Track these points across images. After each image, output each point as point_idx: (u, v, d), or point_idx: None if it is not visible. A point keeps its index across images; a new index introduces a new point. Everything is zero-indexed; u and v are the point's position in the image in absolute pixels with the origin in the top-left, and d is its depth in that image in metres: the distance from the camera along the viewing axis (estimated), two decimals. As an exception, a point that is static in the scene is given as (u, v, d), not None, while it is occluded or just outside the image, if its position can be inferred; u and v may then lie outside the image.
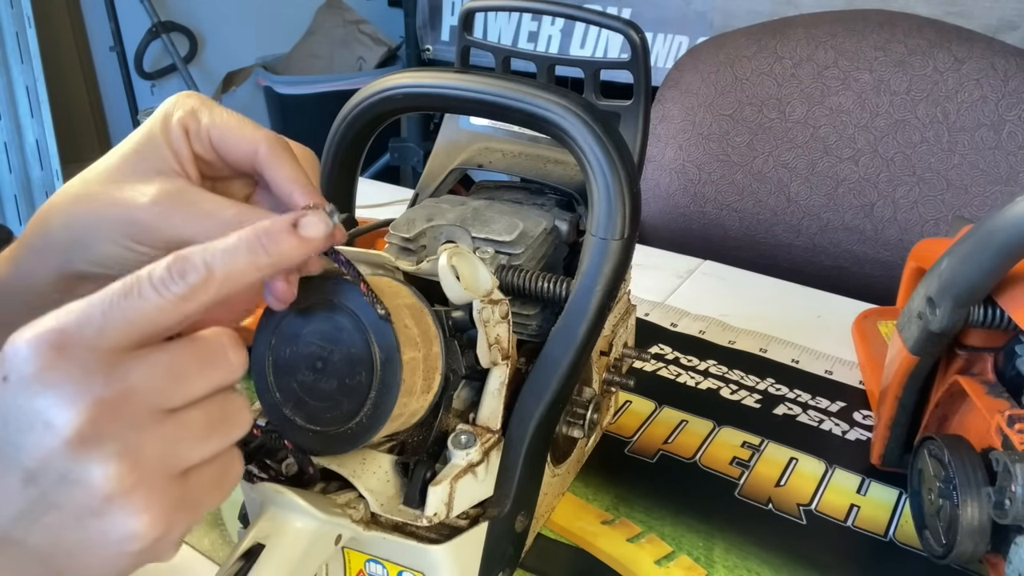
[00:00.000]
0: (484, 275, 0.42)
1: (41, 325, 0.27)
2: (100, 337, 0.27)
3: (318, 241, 0.31)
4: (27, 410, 0.26)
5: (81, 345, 0.26)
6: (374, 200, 1.01)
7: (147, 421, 0.27)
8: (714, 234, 1.10)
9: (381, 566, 0.42)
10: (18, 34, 1.78)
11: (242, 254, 0.29)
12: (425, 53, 2.31)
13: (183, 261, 0.28)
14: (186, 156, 0.36)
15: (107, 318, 0.27)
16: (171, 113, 0.36)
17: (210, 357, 0.29)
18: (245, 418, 0.31)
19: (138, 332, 0.28)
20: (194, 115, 0.36)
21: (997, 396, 0.48)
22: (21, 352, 0.26)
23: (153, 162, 0.36)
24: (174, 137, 0.36)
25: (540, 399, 0.43)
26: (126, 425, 0.27)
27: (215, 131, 0.36)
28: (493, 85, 0.44)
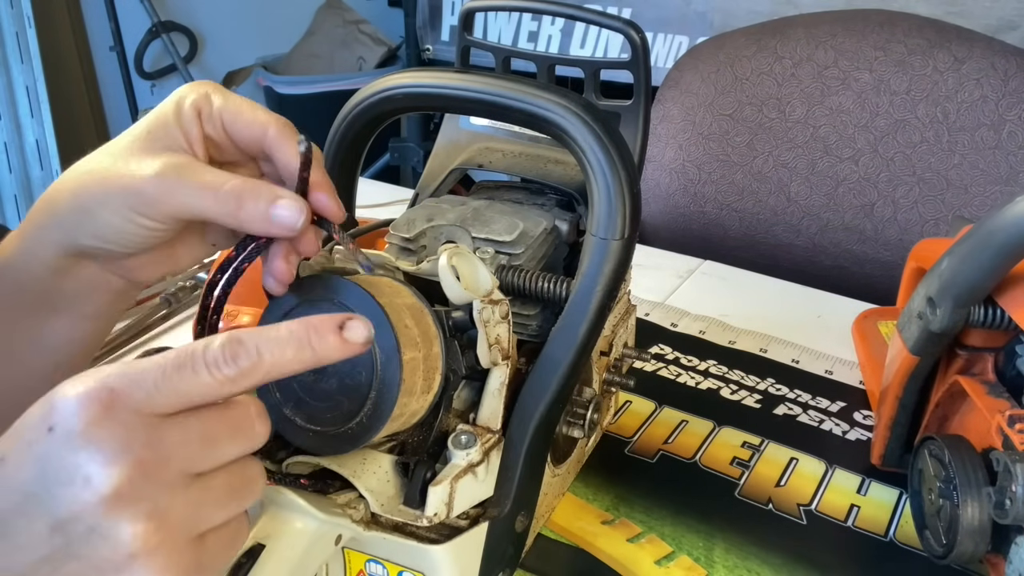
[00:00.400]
0: (484, 275, 0.42)
1: (92, 380, 0.27)
2: (148, 402, 0.28)
3: (359, 347, 0.31)
4: (68, 463, 0.26)
5: (128, 408, 0.27)
6: (374, 200, 1.01)
7: (178, 484, 0.28)
8: (714, 234, 1.10)
9: (381, 566, 0.42)
10: (18, 34, 1.77)
11: (291, 347, 0.30)
12: (425, 53, 2.31)
13: (237, 345, 0.29)
14: (196, 136, 0.37)
15: (158, 387, 0.28)
16: (185, 97, 0.37)
17: (240, 425, 0.30)
18: (261, 485, 0.32)
19: (184, 403, 0.28)
20: (207, 98, 0.37)
21: (997, 396, 0.48)
22: (70, 406, 0.27)
23: (163, 141, 0.36)
24: (185, 119, 0.37)
25: (540, 399, 0.43)
26: (159, 486, 0.28)
27: (227, 113, 0.37)
28: (493, 85, 0.44)
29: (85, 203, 0.36)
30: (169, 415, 0.28)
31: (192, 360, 0.28)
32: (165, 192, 0.35)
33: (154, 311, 0.77)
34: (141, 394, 0.27)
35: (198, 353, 0.28)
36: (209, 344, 0.29)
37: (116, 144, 0.37)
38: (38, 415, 0.27)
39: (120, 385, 0.27)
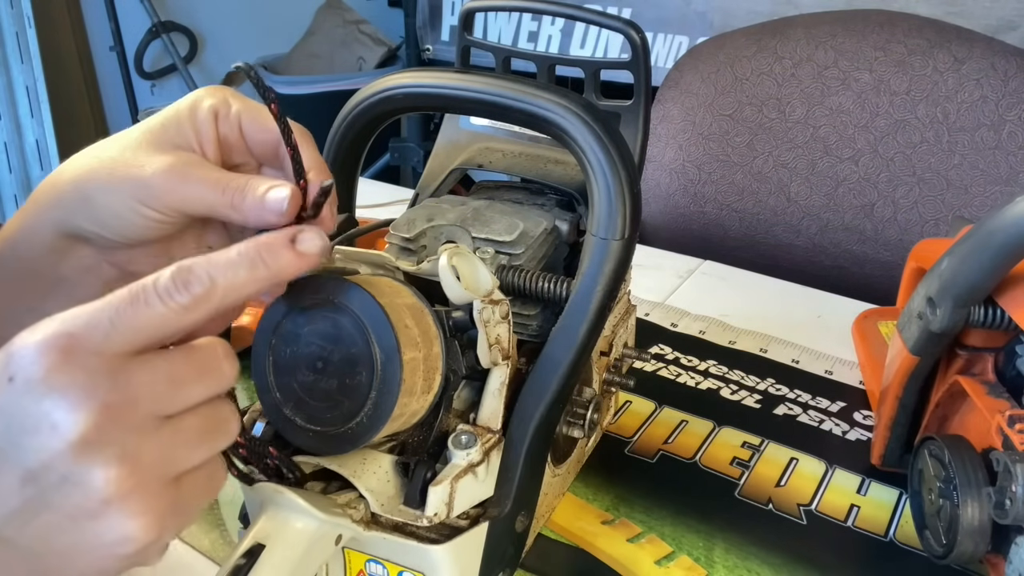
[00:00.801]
0: (484, 275, 0.42)
1: (48, 328, 0.27)
2: (106, 342, 0.27)
3: (314, 257, 0.31)
4: (32, 411, 0.26)
5: (88, 350, 0.27)
6: (374, 200, 1.01)
7: (147, 426, 0.28)
8: (714, 234, 1.10)
9: (381, 566, 0.42)
10: (18, 34, 1.77)
11: (243, 267, 0.30)
12: (425, 53, 2.31)
13: (187, 272, 0.29)
14: (209, 137, 0.37)
15: (114, 324, 0.27)
16: (202, 99, 0.37)
17: (207, 366, 0.30)
18: (234, 426, 0.32)
19: (143, 339, 0.28)
20: (226, 102, 0.37)
21: (997, 396, 0.48)
22: (28, 354, 0.26)
23: (173, 138, 0.37)
24: (200, 119, 0.37)
25: (540, 399, 0.43)
26: (128, 429, 0.27)
27: (245, 116, 0.37)
28: (493, 85, 0.44)
29: (89, 188, 0.36)
30: (133, 356, 0.28)
31: (144, 293, 0.28)
32: (172, 185, 0.35)
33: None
34: (98, 335, 0.27)
35: (148, 285, 0.28)
36: (159, 275, 0.28)
37: (127, 135, 0.37)
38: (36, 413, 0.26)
39: (76, 328, 0.27)
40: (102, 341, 0.27)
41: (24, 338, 0.27)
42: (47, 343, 0.26)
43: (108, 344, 0.27)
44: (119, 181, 0.35)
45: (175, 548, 0.51)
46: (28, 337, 0.27)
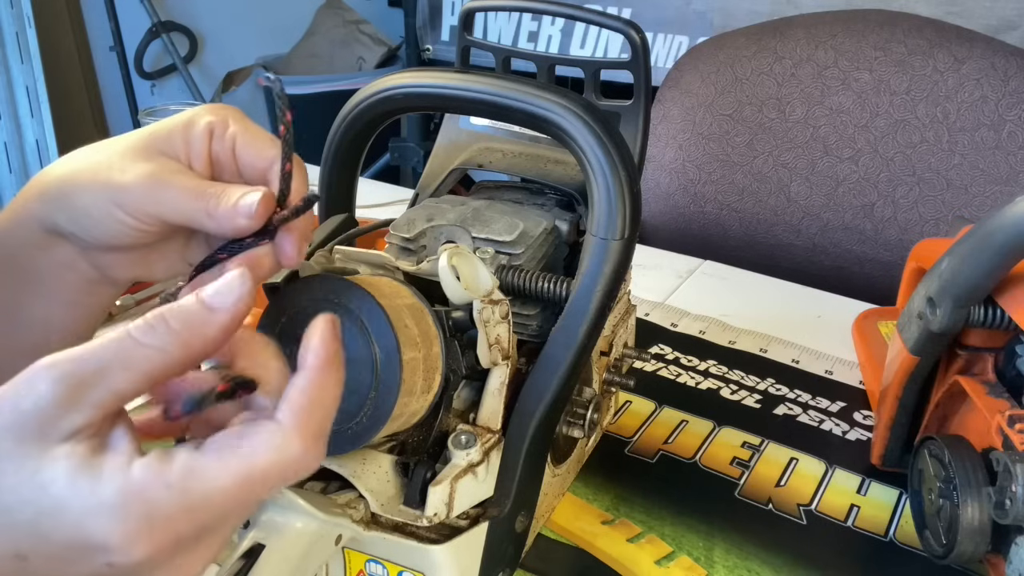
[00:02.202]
0: (484, 275, 0.42)
1: (131, 514, 0.25)
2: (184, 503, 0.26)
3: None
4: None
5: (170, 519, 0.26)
6: (374, 200, 1.01)
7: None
8: (714, 234, 1.10)
9: (381, 566, 0.42)
10: (18, 34, 1.77)
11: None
12: (425, 53, 2.31)
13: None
14: (199, 153, 0.37)
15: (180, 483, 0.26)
16: (201, 115, 0.37)
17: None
18: None
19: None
20: (224, 122, 0.37)
21: (997, 396, 0.48)
22: (121, 546, 0.25)
23: (161, 147, 0.36)
24: (194, 134, 0.36)
25: (540, 399, 0.43)
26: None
27: (241, 138, 0.36)
28: (493, 85, 0.44)
29: (71, 188, 0.36)
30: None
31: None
32: (149, 191, 0.35)
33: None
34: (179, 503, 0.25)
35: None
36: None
37: (118, 140, 0.37)
38: (85, 539, 0.24)
39: (163, 510, 0.25)
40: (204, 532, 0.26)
41: (122, 533, 0.24)
42: (155, 550, 0.25)
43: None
44: (100, 184, 0.35)
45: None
46: (128, 535, 0.24)
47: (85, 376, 0.25)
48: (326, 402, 0.27)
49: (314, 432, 0.27)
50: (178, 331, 0.26)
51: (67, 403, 0.24)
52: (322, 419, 0.27)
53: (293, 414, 0.26)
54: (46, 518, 0.24)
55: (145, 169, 0.35)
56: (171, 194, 0.34)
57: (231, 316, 0.27)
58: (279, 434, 0.26)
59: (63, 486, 0.24)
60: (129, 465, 0.25)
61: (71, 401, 0.25)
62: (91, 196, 0.35)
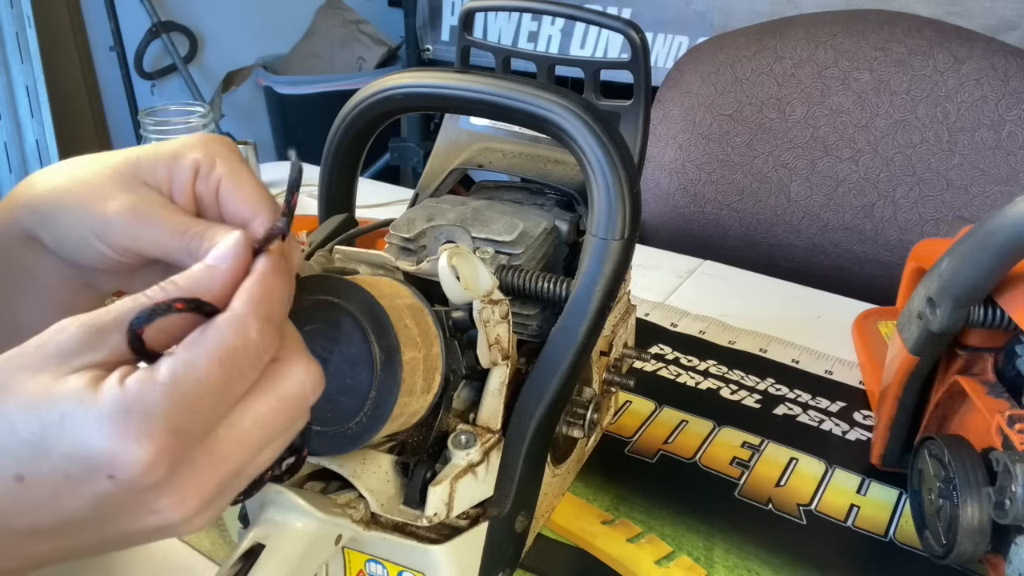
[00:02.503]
0: (484, 275, 0.42)
1: (151, 429, 0.26)
2: (201, 425, 0.28)
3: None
4: (141, 505, 0.27)
5: (189, 443, 0.27)
6: (374, 200, 1.01)
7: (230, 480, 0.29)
8: (714, 234, 1.10)
9: (381, 566, 0.42)
10: (18, 34, 1.77)
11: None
12: (425, 53, 2.31)
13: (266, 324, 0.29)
14: (182, 189, 0.36)
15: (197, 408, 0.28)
16: (189, 150, 0.36)
17: (296, 415, 0.31)
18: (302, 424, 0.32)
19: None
20: (211, 160, 0.36)
21: (997, 396, 0.48)
22: (135, 459, 0.26)
23: (146, 176, 0.36)
24: (179, 169, 0.36)
25: (540, 399, 0.43)
26: (215, 488, 0.28)
27: (226, 182, 0.36)
28: (493, 85, 0.44)
29: (55, 206, 0.35)
30: (222, 421, 0.28)
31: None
32: (130, 226, 0.34)
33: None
34: (199, 425, 0.27)
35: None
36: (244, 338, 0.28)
37: (106, 160, 0.36)
38: (85, 454, 0.25)
39: (176, 424, 0.26)
40: (201, 434, 0.27)
41: (121, 438, 0.26)
42: (153, 451, 0.26)
43: (208, 426, 0.28)
44: (82, 211, 0.35)
45: (175, 549, 0.51)
46: (127, 439, 0.26)
47: (105, 323, 0.27)
48: (275, 294, 0.30)
49: (266, 315, 0.29)
50: (185, 287, 0.29)
51: (87, 344, 0.27)
52: (270, 307, 0.29)
53: (245, 302, 0.29)
54: (51, 431, 0.25)
55: (127, 201, 0.34)
56: (151, 230, 0.34)
57: (231, 269, 0.29)
58: (237, 318, 0.28)
59: (70, 400, 0.26)
60: (124, 379, 0.26)
61: (91, 343, 0.27)
62: (73, 221, 0.35)
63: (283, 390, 0.30)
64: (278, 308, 0.30)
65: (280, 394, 0.30)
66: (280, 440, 0.30)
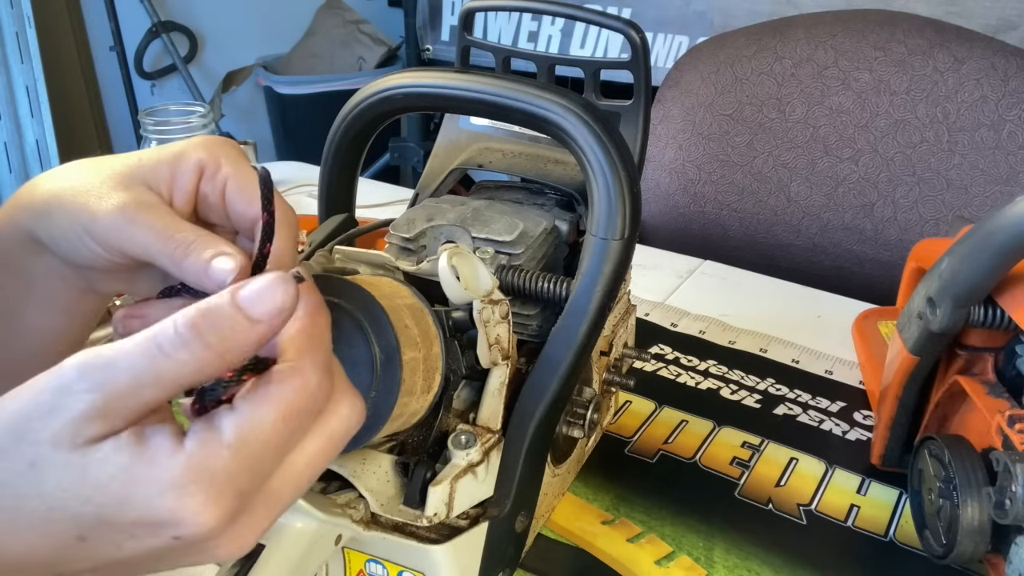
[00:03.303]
0: (484, 275, 0.42)
1: (204, 484, 0.26)
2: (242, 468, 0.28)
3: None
4: (193, 547, 0.26)
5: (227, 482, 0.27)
6: (374, 200, 1.01)
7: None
8: (714, 234, 1.10)
9: (381, 566, 0.42)
10: (18, 34, 1.77)
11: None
12: (425, 53, 2.31)
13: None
14: (184, 189, 0.35)
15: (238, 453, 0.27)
16: (191, 151, 0.35)
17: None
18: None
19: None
20: (216, 161, 0.35)
21: (997, 396, 0.48)
22: (199, 525, 0.26)
23: (144, 176, 0.35)
24: (182, 169, 0.35)
25: (540, 399, 0.43)
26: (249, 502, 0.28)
27: (232, 183, 0.35)
28: (493, 85, 0.44)
29: (52, 206, 0.35)
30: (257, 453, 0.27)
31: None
32: (118, 224, 0.33)
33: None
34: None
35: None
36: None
37: (108, 162, 0.36)
38: (153, 520, 0.25)
39: (221, 474, 0.26)
40: (261, 487, 0.27)
41: (190, 507, 0.25)
42: (220, 514, 0.26)
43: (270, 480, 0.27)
44: (76, 208, 0.34)
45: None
46: (195, 506, 0.25)
47: (119, 391, 0.25)
48: (325, 338, 0.29)
49: (323, 364, 0.28)
50: (214, 345, 0.26)
51: (100, 416, 0.25)
52: (325, 354, 0.29)
53: (301, 352, 0.28)
54: (110, 510, 0.25)
55: (118, 200, 0.34)
56: (138, 231, 0.33)
57: (271, 330, 0.27)
58: (298, 373, 0.27)
59: (122, 481, 0.25)
60: (182, 444, 0.26)
61: (104, 415, 0.25)
62: (67, 219, 0.34)
63: (332, 430, 0.29)
64: (329, 353, 0.29)
65: (330, 434, 0.29)
66: (324, 469, 0.30)
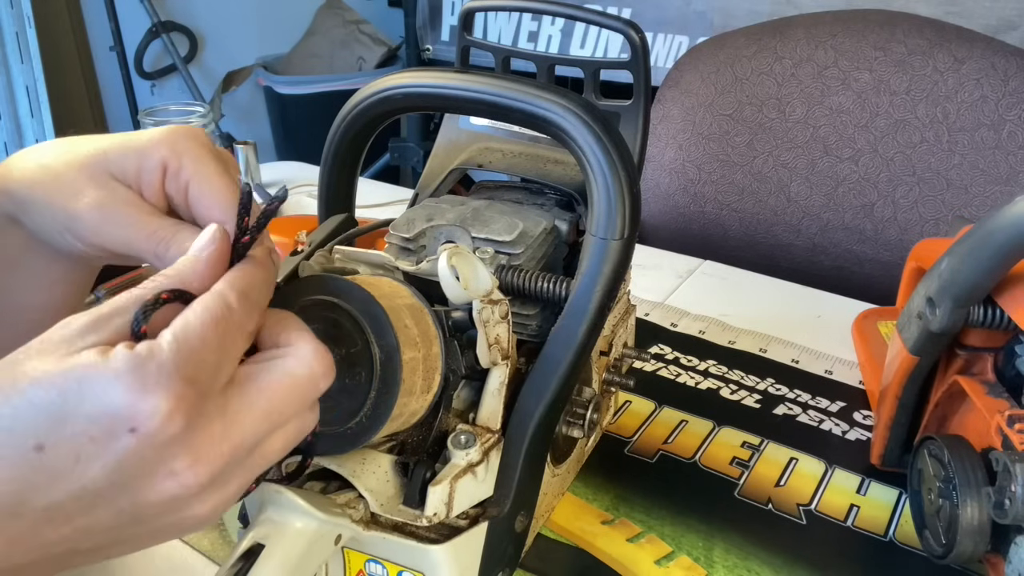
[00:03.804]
0: (484, 275, 0.42)
1: (164, 377, 0.27)
2: (214, 381, 0.30)
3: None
4: (156, 462, 0.27)
5: (201, 396, 0.28)
6: (374, 200, 1.01)
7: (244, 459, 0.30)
8: (714, 234, 1.10)
9: (381, 566, 0.42)
10: (18, 34, 1.77)
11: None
12: (425, 53, 2.31)
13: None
14: (151, 186, 0.36)
15: (219, 363, 0.30)
16: (153, 148, 0.36)
17: (305, 400, 0.31)
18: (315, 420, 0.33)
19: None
20: (178, 159, 0.35)
21: (997, 396, 0.48)
22: (152, 410, 0.27)
23: (115, 171, 0.36)
24: (147, 168, 0.35)
25: (540, 399, 0.43)
26: (230, 464, 0.29)
27: (195, 184, 0.35)
28: (493, 85, 0.44)
29: (28, 200, 0.36)
30: (232, 387, 0.29)
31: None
32: (98, 224, 0.35)
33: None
34: (208, 375, 0.28)
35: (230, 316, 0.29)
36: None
37: (79, 148, 0.36)
38: (107, 410, 0.26)
39: (189, 374, 0.28)
40: (211, 385, 0.28)
41: (140, 390, 0.26)
42: (171, 400, 0.27)
43: (215, 382, 0.28)
44: (54, 207, 0.35)
45: (176, 549, 0.51)
46: (146, 390, 0.26)
47: (105, 312, 0.28)
48: (252, 277, 0.31)
49: (242, 289, 0.31)
50: (172, 276, 0.30)
51: (90, 329, 0.28)
52: (249, 285, 0.31)
53: (223, 281, 0.31)
54: (70, 395, 0.26)
55: (95, 199, 0.35)
56: (119, 230, 0.34)
57: (213, 253, 0.31)
58: (216, 292, 0.30)
59: (85, 365, 0.26)
60: (132, 346, 0.27)
61: (93, 327, 0.28)
62: (47, 216, 0.35)
63: (290, 367, 0.30)
64: (256, 290, 0.31)
65: (286, 370, 0.30)
66: (290, 427, 0.31)
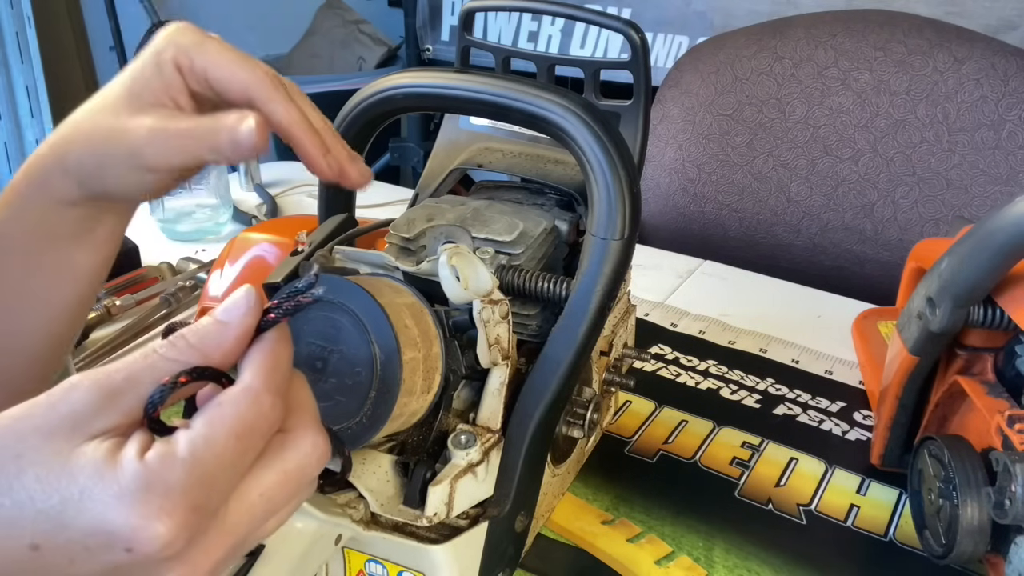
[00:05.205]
0: (484, 275, 0.42)
1: (168, 500, 0.26)
2: (214, 499, 0.28)
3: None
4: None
5: (202, 516, 0.27)
6: (374, 200, 1.01)
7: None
8: (714, 234, 1.10)
9: (381, 566, 0.42)
10: (18, 34, 1.77)
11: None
12: (425, 53, 2.31)
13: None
14: (179, 89, 0.38)
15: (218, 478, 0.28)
16: (163, 51, 0.38)
17: (303, 483, 0.30)
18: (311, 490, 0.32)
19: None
20: (187, 54, 0.38)
21: (997, 396, 0.48)
22: (155, 535, 0.26)
23: (147, 98, 0.38)
24: (166, 74, 0.38)
25: (540, 399, 0.43)
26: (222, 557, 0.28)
27: (211, 68, 0.38)
28: (493, 85, 0.44)
29: (91, 168, 0.38)
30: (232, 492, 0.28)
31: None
32: (160, 149, 0.37)
33: (154, 311, 0.77)
34: (214, 500, 0.27)
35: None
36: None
37: (105, 100, 0.38)
38: (107, 527, 0.25)
39: (192, 499, 0.26)
40: (216, 508, 0.27)
41: (142, 515, 0.25)
42: (174, 529, 0.26)
43: (223, 500, 0.27)
44: (115, 154, 0.37)
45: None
46: (148, 516, 0.25)
47: (117, 385, 0.26)
48: (283, 365, 0.30)
49: (276, 387, 0.29)
50: (195, 345, 0.28)
51: (100, 408, 0.26)
52: (281, 379, 0.29)
53: (256, 374, 0.29)
54: (70, 505, 0.25)
55: (145, 126, 0.37)
56: (176, 142, 0.36)
57: (241, 327, 0.29)
58: (251, 392, 0.28)
59: (89, 474, 0.25)
60: (144, 453, 0.26)
61: (104, 406, 0.26)
62: (116, 167, 0.38)
63: (289, 464, 0.29)
64: (286, 379, 0.30)
65: (286, 468, 0.29)
66: (284, 512, 0.30)
